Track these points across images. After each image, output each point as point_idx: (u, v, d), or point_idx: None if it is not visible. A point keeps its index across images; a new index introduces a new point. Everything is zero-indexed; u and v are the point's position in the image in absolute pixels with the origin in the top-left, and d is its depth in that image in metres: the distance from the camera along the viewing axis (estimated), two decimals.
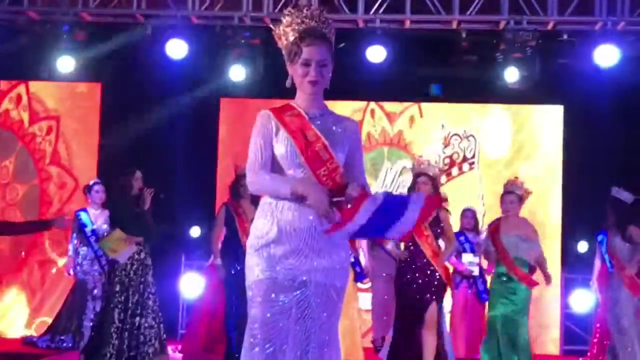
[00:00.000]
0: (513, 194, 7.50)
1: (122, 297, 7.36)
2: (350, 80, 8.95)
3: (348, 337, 7.51)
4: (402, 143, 10.49)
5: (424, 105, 10.52)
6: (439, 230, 7.32)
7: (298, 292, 3.59)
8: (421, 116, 10.53)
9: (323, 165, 3.65)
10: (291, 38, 3.70)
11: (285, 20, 3.74)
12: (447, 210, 7.46)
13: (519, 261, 7.33)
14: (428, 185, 7.23)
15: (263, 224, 3.65)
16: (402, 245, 7.40)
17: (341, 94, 9.15)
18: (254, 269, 3.64)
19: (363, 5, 9.07)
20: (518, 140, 10.36)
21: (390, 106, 10.59)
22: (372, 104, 10.52)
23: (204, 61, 9.40)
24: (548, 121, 10.32)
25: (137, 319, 7.38)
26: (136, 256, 7.53)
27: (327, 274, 3.60)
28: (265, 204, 3.68)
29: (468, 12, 9.10)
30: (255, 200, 6.08)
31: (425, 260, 7.21)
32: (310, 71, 3.65)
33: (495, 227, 7.54)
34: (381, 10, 9.16)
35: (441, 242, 7.43)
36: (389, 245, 7.55)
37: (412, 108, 10.57)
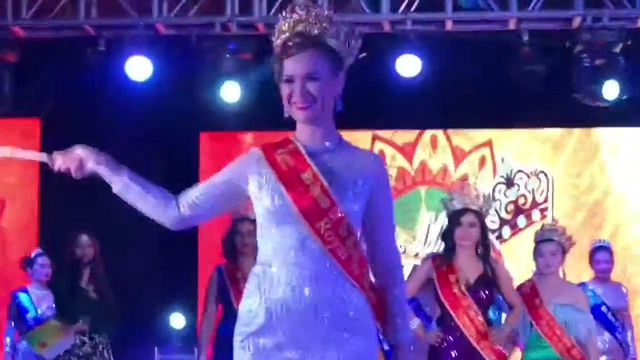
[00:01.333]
0: (553, 243, 7.30)
1: None
2: (375, 101, 9.32)
3: None
4: (447, 181, 10.57)
5: (476, 132, 10.52)
6: (487, 293, 6.93)
7: None
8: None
9: (323, 217, 3.53)
10: (277, 47, 3.65)
11: (278, 27, 3.65)
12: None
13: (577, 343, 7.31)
14: (475, 228, 6.95)
15: (249, 305, 3.59)
16: (434, 323, 7.19)
17: (363, 119, 9.70)
18: None
19: (389, 2, 9.03)
20: (606, 178, 10.41)
21: (429, 134, 10.76)
22: (404, 132, 10.78)
23: (176, 84, 9.49)
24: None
25: None
26: (77, 350, 7.81)
27: None
28: (252, 275, 3.61)
29: (529, 7, 9.05)
30: None
31: (466, 343, 6.83)
32: (294, 90, 3.53)
33: (531, 292, 7.38)
34: (413, 8, 9.09)
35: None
36: (414, 324, 6.94)
37: (458, 136, 10.76)
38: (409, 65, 9.00)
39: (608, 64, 8.91)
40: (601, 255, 8.90)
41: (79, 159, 3.61)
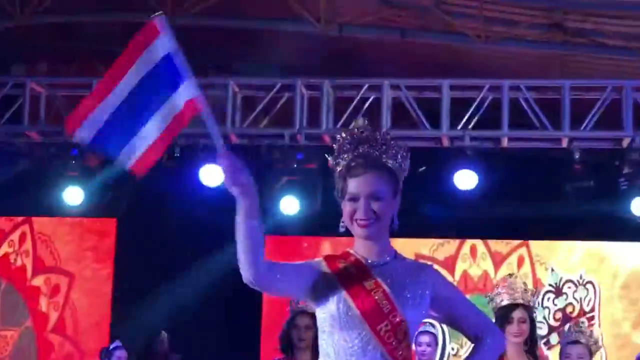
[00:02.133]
0: (580, 345, 6.74)
1: None
2: (432, 213, 9.62)
3: None
4: (488, 287, 10.69)
5: (532, 243, 10.91)
6: None
7: None
8: (531, 259, 11.00)
9: (384, 320, 3.63)
10: (338, 166, 3.73)
11: (337, 145, 3.76)
12: None
13: None
14: (526, 324, 6.59)
15: None
16: None
17: (423, 229, 10.13)
18: None
19: (448, 119, 9.50)
20: None
21: (494, 245, 11.14)
22: (470, 241, 11.12)
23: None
24: None
25: None
26: None
27: None
28: None
29: (582, 127, 9.56)
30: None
31: None
32: (359, 209, 3.64)
33: None
34: (471, 125, 9.57)
35: None
36: None
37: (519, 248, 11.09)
38: (466, 180, 9.43)
39: None
40: None
41: (241, 177, 3.52)
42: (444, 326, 10.32)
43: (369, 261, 3.69)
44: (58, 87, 10.29)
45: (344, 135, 3.74)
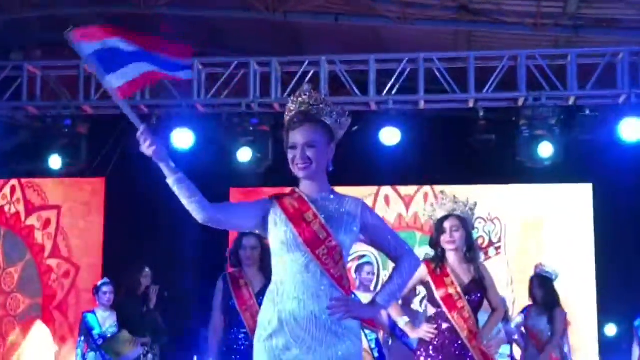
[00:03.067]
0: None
1: None
2: (365, 164, 10.42)
3: None
4: (418, 225, 11.92)
5: (443, 187, 11.01)
6: (479, 296, 6.71)
7: None
8: (436, 199, 11.22)
9: (322, 244, 3.95)
10: (285, 121, 4.12)
11: (287, 107, 4.12)
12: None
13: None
14: (459, 232, 6.69)
15: (265, 313, 3.99)
16: (424, 324, 6.81)
17: (356, 178, 10.70)
18: None
19: (375, 87, 10.40)
20: (546, 222, 11.60)
21: (406, 190, 12.02)
22: (386, 188, 11.97)
23: (211, 150, 10.71)
24: (576, 200, 11.68)
25: None
26: (143, 358, 8.47)
27: None
28: (268, 291, 4.05)
29: (484, 90, 10.51)
30: (265, 267, 6.70)
31: (459, 343, 6.63)
32: (296, 155, 3.96)
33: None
34: (394, 92, 10.57)
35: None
36: (402, 322, 6.91)
37: (427, 191, 12.01)
38: (390, 136, 10.45)
39: (545, 134, 10.21)
40: None
41: (155, 147, 3.86)
42: (379, 258, 11.05)
43: (310, 197, 4.02)
44: (51, 69, 11.02)
45: (292, 98, 4.09)
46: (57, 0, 11.23)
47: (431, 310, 6.81)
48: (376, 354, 8.89)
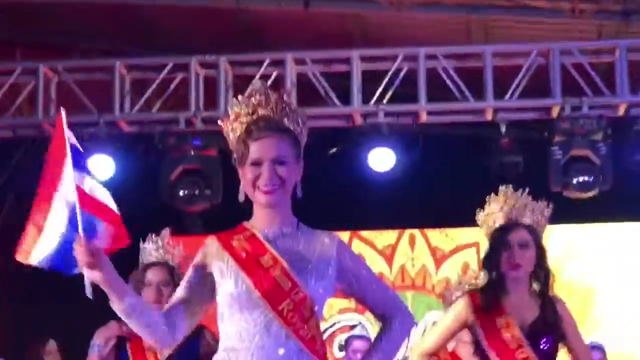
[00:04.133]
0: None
1: None
2: (350, 198, 9.95)
3: None
4: (427, 285, 11.27)
5: (458, 231, 11.17)
6: (550, 343, 5.67)
7: None
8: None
9: (286, 298, 3.71)
10: (237, 131, 3.83)
11: (233, 112, 3.85)
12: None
13: None
14: (529, 250, 5.61)
15: None
16: None
17: (339, 217, 10.06)
18: None
19: (360, 94, 9.61)
20: (594, 278, 11.10)
21: (408, 233, 11.38)
22: (367, 233, 11.37)
23: (137, 183, 9.94)
24: (632, 244, 11.17)
25: None
26: None
27: None
28: None
29: (507, 97, 9.68)
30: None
31: None
32: (262, 173, 3.71)
33: None
34: (385, 100, 9.69)
35: None
36: None
37: (438, 235, 11.43)
38: (382, 159, 9.47)
39: (587, 154, 9.34)
40: None
41: (98, 262, 3.63)
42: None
43: (267, 234, 3.75)
44: None
45: (240, 99, 3.79)
46: None
47: None
48: None
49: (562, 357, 5.67)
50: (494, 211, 5.75)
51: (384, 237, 11.77)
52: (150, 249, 6.89)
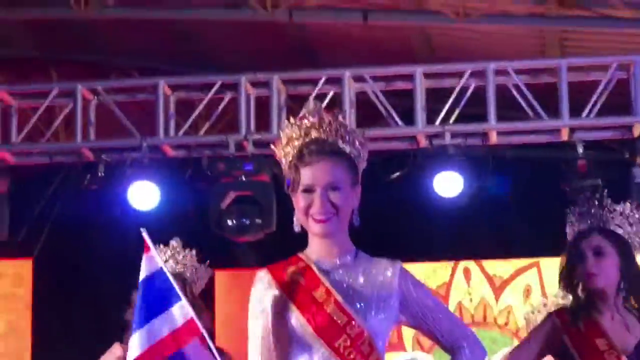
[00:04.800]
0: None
1: None
2: (410, 226, 9.92)
3: None
4: (489, 319, 11.13)
5: (544, 261, 10.96)
6: None
7: None
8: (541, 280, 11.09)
9: (342, 334, 3.68)
10: (289, 157, 3.82)
11: (285, 135, 3.85)
12: None
13: None
14: (609, 259, 5.21)
15: None
16: None
17: (402, 249, 9.68)
18: None
19: (424, 113, 9.47)
20: None
21: (490, 265, 11.23)
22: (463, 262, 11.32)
23: (184, 212, 9.97)
24: None
25: None
26: None
27: None
28: None
29: (584, 114, 9.40)
30: None
31: None
32: (314, 201, 3.69)
33: None
34: (452, 120, 9.50)
35: None
36: None
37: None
38: (449, 184, 9.34)
39: None
40: None
41: None
42: None
43: (322, 265, 3.74)
44: None
45: (292, 121, 3.77)
46: None
47: None
48: None
49: None
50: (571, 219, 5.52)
51: (437, 275, 11.48)
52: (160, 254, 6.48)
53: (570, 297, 5.42)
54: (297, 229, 3.73)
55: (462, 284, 11.38)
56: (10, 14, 10.72)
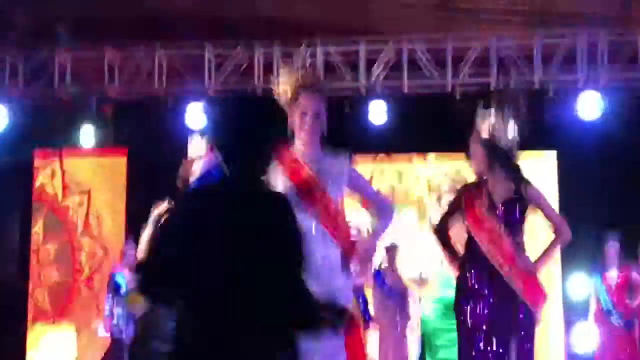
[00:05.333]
0: None
1: None
2: (356, 141, 11.23)
3: None
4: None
5: (418, 160, 14.19)
6: (519, 213, 6.56)
7: None
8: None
9: (318, 202, 4.93)
10: (289, 91, 5.02)
11: (281, 76, 5.11)
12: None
13: None
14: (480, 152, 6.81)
15: None
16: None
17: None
18: None
19: (365, 71, 12.53)
20: None
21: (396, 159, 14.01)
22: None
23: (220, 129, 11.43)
24: (543, 167, 13.12)
25: None
26: None
27: None
28: None
29: (460, 75, 12.52)
30: None
31: (490, 268, 6.44)
32: (307, 121, 4.89)
33: None
34: (382, 77, 12.68)
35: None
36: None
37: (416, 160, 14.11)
38: (379, 116, 12.41)
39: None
40: None
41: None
42: None
43: (305, 158, 5.01)
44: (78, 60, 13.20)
45: (285, 67, 5.35)
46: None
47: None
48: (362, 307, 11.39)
49: None
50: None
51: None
52: (197, 144, 7.46)
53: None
54: (290, 134, 4.86)
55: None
56: None
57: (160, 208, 7.18)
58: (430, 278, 12.18)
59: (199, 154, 7.07)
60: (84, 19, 13.44)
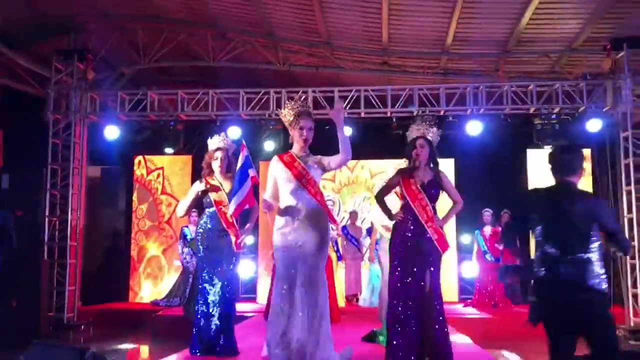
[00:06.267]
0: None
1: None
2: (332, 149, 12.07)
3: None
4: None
5: (369, 161, 18.97)
6: (435, 191, 8.30)
7: None
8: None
9: (303, 178, 7.11)
10: (291, 117, 7.12)
11: (287, 107, 7.20)
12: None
13: None
14: (425, 149, 8.28)
15: (283, 224, 7.17)
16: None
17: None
18: None
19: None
20: None
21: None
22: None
23: (248, 140, 13.26)
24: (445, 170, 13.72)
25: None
26: None
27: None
28: (281, 211, 7.24)
29: (396, 106, 16.65)
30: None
31: (419, 223, 8.13)
32: (304, 134, 7.02)
33: None
34: (348, 107, 16.83)
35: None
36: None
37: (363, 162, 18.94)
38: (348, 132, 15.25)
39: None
40: None
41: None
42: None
43: (298, 156, 7.27)
44: (161, 94, 17.42)
45: (289, 102, 7.35)
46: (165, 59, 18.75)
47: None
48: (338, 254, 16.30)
49: None
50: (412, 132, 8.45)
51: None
52: (216, 140, 9.10)
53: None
54: (291, 142, 6.90)
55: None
56: None
57: (195, 185, 9.17)
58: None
59: (216, 147, 8.92)
60: (164, 69, 19.22)
